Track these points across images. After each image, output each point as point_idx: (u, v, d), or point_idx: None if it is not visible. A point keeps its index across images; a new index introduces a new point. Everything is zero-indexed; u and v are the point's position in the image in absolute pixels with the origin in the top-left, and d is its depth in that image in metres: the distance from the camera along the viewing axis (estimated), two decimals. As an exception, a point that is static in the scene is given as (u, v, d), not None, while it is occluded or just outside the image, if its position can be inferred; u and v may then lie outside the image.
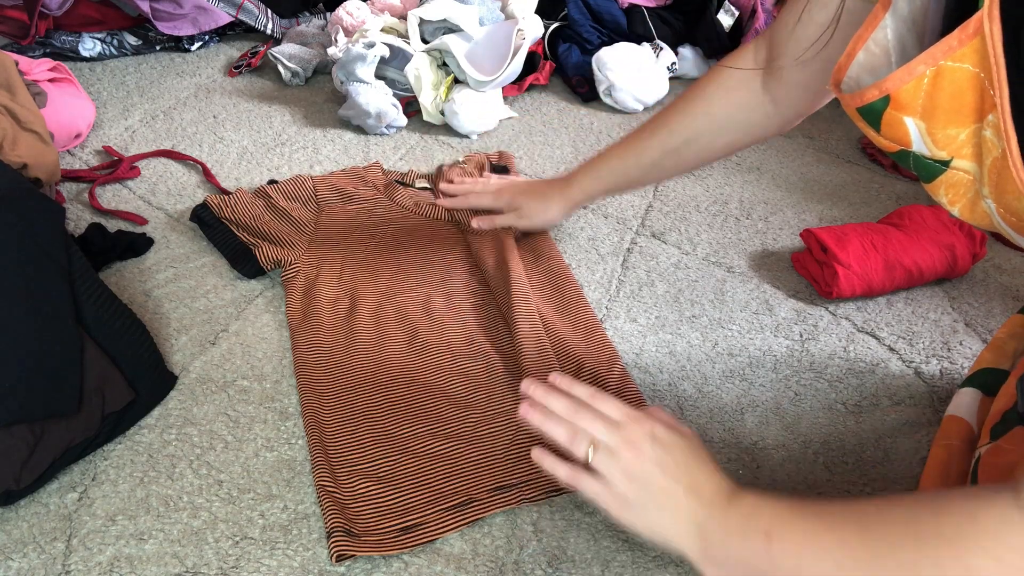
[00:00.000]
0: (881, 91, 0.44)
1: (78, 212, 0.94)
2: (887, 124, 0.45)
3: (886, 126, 0.46)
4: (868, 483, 0.66)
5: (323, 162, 1.07)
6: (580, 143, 1.13)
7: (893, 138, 0.46)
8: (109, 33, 1.31)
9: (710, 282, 0.88)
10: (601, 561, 0.59)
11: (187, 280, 0.85)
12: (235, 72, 1.28)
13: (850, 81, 0.48)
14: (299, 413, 0.70)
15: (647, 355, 0.78)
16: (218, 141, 1.10)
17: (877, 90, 0.44)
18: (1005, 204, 0.43)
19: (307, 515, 0.62)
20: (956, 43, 0.40)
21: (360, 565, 0.59)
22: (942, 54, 0.40)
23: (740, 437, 0.70)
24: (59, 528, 0.61)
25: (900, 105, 0.44)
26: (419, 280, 0.85)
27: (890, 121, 0.45)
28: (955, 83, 0.41)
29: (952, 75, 0.41)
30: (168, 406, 0.71)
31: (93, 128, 1.11)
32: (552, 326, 0.79)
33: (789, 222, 0.98)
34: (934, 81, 0.41)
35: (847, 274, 0.82)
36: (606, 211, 0.99)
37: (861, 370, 0.77)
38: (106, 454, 0.66)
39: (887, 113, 0.45)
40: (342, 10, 1.28)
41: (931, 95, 0.42)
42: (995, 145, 0.41)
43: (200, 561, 0.59)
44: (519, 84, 1.23)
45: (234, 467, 0.66)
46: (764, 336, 0.81)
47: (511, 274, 0.83)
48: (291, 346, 0.77)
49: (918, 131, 0.44)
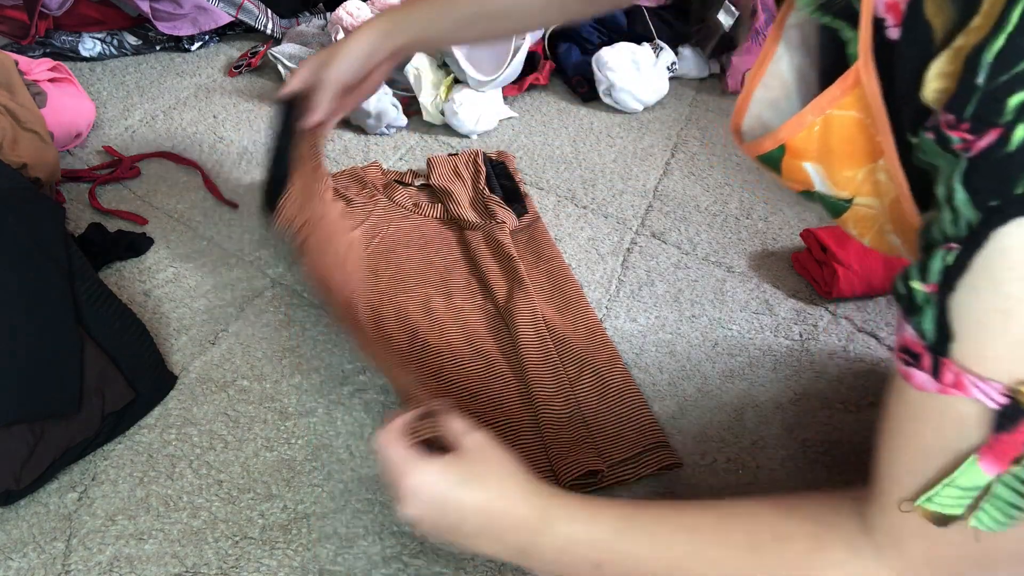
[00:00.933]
0: (776, 141, 0.45)
1: (78, 212, 0.94)
2: (787, 169, 0.46)
3: (787, 171, 0.46)
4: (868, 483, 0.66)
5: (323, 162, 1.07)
6: (580, 143, 1.13)
7: (796, 180, 0.47)
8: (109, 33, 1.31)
9: (710, 282, 0.88)
10: (601, 561, 0.59)
11: (187, 280, 0.85)
12: (235, 72, 1.28)
13: (751, 120, 0.49)
14: (299, 413, 0.70)
15: (647, 355, 0.78)
16: (218, 141, 1.10)
17: (772, 140, 0.45)
18: (907, 240, 0.45)
19: (307, 515, 0.62)
20: (839, 92, 0.41)
21: (360, 565, 0.59)
22: (827, 103, 0.41)
23: (740, 437, 0.70)
24: (59, 528, 0.61)
25: (796, 153, 0.45)
26: (419, 280, 0.85)
27: (790, 167, 0.46)
28: (844, 129, 0.42)
29: (840, 122, 0.42)
30: (168, 406, 0.71)
31: (93, 128, 1.11)
32: (553, 326, 0.79)
33: (789, 222, 0.98)
34: (824, 129, 0.42)
35: (847, 274, 0.82)
36: (606, 211, 0.99)
37: (861, 370, 0.77)
38: (106, 454, 0.66)
39: (785, 160, 0.46)
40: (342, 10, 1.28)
41: (824, 141, 0.43)
42: (890, 188, 0.42)
43: (200, 561, 0.59)
44: (519, 84, 1.23)
45: (234, 467, 0.66)
46: (764, 336, 0.81)
47: (512, 274, 0.83)
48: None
49: (818, 175, 0.45)
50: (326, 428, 0.70)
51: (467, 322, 0.80)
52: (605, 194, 1.02)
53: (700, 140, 1.15)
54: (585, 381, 0.73)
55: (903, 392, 0.38)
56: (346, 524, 0.62)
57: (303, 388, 0.73)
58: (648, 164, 1.09)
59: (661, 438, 0.68)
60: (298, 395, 0.72)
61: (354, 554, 0.60)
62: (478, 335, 0.78)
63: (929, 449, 0.37)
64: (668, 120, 1.20)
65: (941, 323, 0.34)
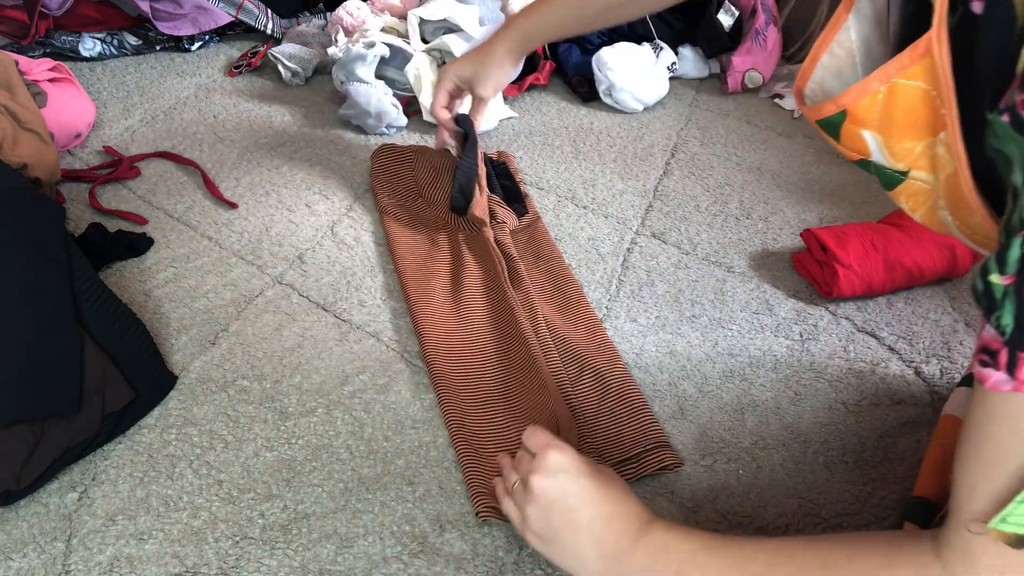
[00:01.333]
0: (838, 106, 0.45)
1: (78, 212, 0.94)
2: (846, 136, 0.46)
3: (845, 138, 0.46)
4: (868, 483, 0.66)
5: (323, 162, 1.07)
6: (580, 143, 1.13)
7: (853, 148, 0.47)
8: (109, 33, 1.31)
9: (710, 282, 0.88)
10: (601, 561, 0.59)
11: (187, 280, 0.85)
12: (235, 72, 1.28)
13: (814, 85, 0.49)
14: (299, 413, 0.70)
15: (647, 355, 0.78)
16: (218, 141, 1.10)
17: (834, 105, 0.45)
18: (960, 218, 0.44)
19: (307, 515, 0.62)
20: (907, 61, 0.40)
21: (360, 564, 0.59)
22: (895, 72, 0.41)
23: (740, 437, 0.70)
24: (59, 528, 0.61)
25: (857, 120, 0.44)
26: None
27: (848, 134, 0.46)
28: (908, 100, 0.41)
29: (905, 92, 0.41)
30: (168, 406, 0.71)
31: (93, 128, 1.11)
32: (553, 326, 0.79)
33: (789, 222, 0.98)
34: (888, 97, 0.42)
35: (847, 274, 0.82)
36: (606, 211, 0.99)
37: (861, 370, 0.77)
38: (106, 454, 0.66)
39: (845, 126, 0.46)
40: (342, 10, 1.28)
41: (886, 110, 0.43)
42: (948, 162, 0.42)
43: (200, 561, 0.59)
44: (519, 84, 1.23)
45: (234, 467, 0.66)
46: (764, 336, 0.81)
47: (512, 274, 0.83)
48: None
49: (876, 143, 0.45)
50: (326, 428, 0.69)
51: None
52: (605, 194, 1.02)
53: (700, 140, 1.15)
54: (585, 381, 0.73)
55: (980, 397, 0.37)
56: (346, 524, 0.62)
57: (303, 388, 0.73)
58: (648, 164, 1.09)
59: (661, 438, 0.68)
60: (298, 395, 0.72)
61: (354, 554, 0.60)
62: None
63: (1007, 454, 0.35)
64: (668, 120, 1.20)
65: (1020, 315, 0.32)
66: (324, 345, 0.78)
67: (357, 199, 0.99)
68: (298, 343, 0.78)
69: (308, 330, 0.80)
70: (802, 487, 0.66)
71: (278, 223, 0.94)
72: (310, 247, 0.91)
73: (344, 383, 0.74)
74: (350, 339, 0.79)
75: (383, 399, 0.72)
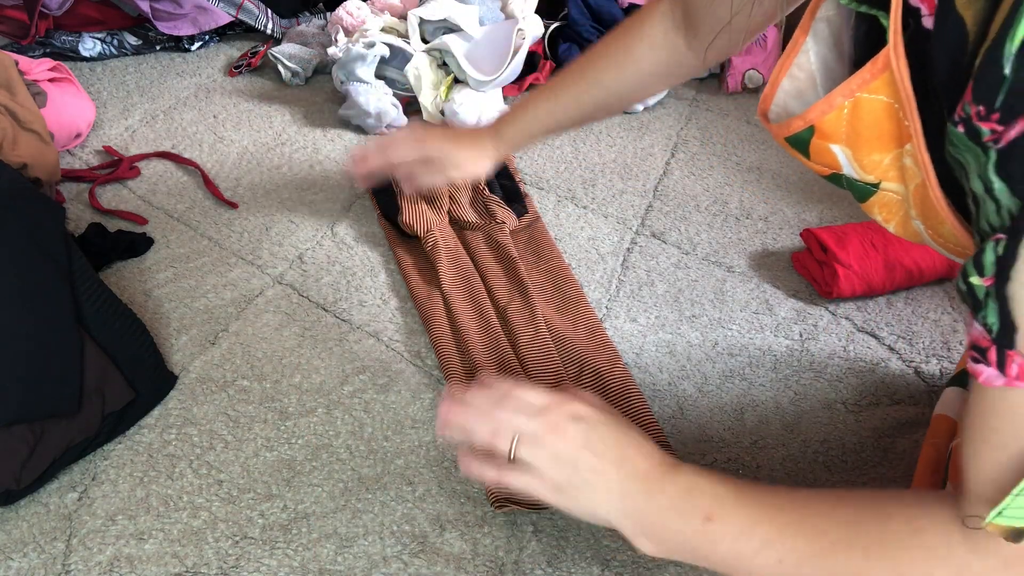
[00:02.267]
0: (805, 122, 0.45)
1: (78, 212, 0.94)
2: (816, 151, 0.47)
3: (815, 153, 0.47)
4: (868, 482, 0.66)
5: (323, 162, 1.07)
6: (580, 143, 1.13)
7: (824, 163, 0.47)
8: (109, 33, 1.31)
9: (710, 282, 0.88)
10: (601, 561, 0.59)
11: (187, 280, 0.85)
12: (235, 72, 1.28)
13: (777, 108, 0.49)
14: (299, 413, 0.70)
15: (647, 355, 0.78)
16: (218, 141, 1.10)
17: (802, 121, 0.45)
18: (932, 227, 0.45)
19: (307, 515, 0.62)
20: (869, 76, 0.41)
21: (360, 564, 0.59)
22: (857, 86, 0.42)
23: (740, 437, 0.70)
24: (59, 528, 0.61)
25: (825, 135, 0.45)
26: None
27: (818, 149, 0.46)
28: (872, 113, 0.42)
29: (869, 106, 0.42)
30: (168, 406, 0.71)
31: (93, 128, 1.11)
32: (553, 326, 0.79)
33: (789, 222, 0.98)
34: (853, 111, 0.43)
35: (847, 274, 0.82)
36: (606, 211, 0.99)
37: (861, 370, 0.77)
38: (106, 454, 0.66)
39: (814, 142, 0.46)
40: (342, 10, 1.28)
41: (852, 124, 0.43)
42: (916, 173, 0.43)
43: (200, 561, 0.59)
44: (519, 84, 1.23)
45: (234, 467, 0.66)
46: (764, 336, 0.81)
47: (512, 274, 0.83)
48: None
49: (845, 157, 0.46)
50: (326, 428, 0.70)
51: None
52: (605, 194, 1.02)
53: (700, 140, 1.15)
54: (585, 381, 0.73)
55: (976, 391, 0.38)
56: (346, 524, 0.62)
57: (303, 388, 0.73)
58: (648, 164, 1.09)
59: (661, 438, 0.68)
60: (298, 395, 0.73)
61: (354, 554, 0.60)
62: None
63: (1005, 446, 0.36)
64: (668, 120, 1.20)
65: (1004, 314, 0.33)
66: (324, 345, 0.78)
67: (357, 199, 0.99)
68: (298, 343, 0.78)
69: (308, 330, 0.80)
70: (802, 486, 0.66)
71: (278, 223, 0.94)
72: (310, 247, 0.91)
73: (344, 383, 0.74)
74: (350, 339, 0.79)
75: (383, 399, 0.72)
